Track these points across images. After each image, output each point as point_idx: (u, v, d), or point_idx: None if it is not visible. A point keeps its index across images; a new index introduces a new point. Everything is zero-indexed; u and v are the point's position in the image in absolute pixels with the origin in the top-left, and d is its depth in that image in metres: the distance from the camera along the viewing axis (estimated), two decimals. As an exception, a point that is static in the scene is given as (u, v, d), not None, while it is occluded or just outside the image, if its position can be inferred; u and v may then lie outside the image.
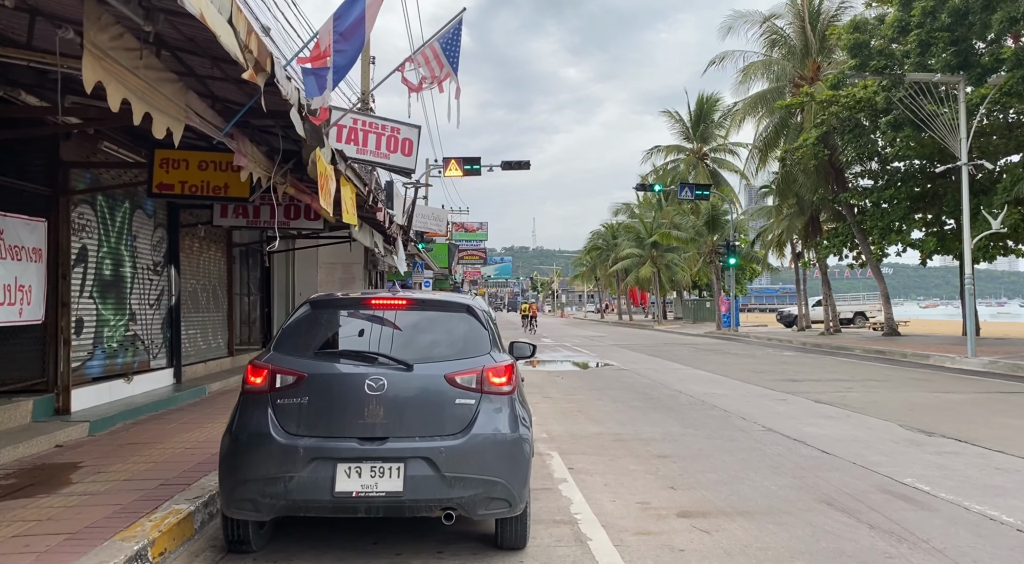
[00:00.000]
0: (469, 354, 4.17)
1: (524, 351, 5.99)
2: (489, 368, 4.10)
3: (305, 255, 18.15)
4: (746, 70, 28.38)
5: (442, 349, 4.22)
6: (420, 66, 8.01)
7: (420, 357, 4.09)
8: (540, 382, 13.97)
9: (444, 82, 7.95)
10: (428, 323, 4.36)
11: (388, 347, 4.13)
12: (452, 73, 7.91)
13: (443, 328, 4.35)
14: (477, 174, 27.81)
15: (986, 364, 15.85)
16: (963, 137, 16.71)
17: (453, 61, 7.80)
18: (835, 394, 11.71)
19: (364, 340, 4.32)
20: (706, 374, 15.24)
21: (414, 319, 4.34)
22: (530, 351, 6.01)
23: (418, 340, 4.23)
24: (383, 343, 4.18)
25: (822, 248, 27.93)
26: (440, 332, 4.32)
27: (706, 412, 9.93)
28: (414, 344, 4.19)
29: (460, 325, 4.36)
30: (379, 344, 4.18)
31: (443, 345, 4.25)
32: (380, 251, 13.72)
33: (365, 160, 9.97)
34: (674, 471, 6.45)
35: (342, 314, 4.48)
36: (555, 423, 9.07)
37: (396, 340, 4.19)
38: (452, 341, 4.28)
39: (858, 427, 8.65)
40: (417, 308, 4.40)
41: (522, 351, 5.99)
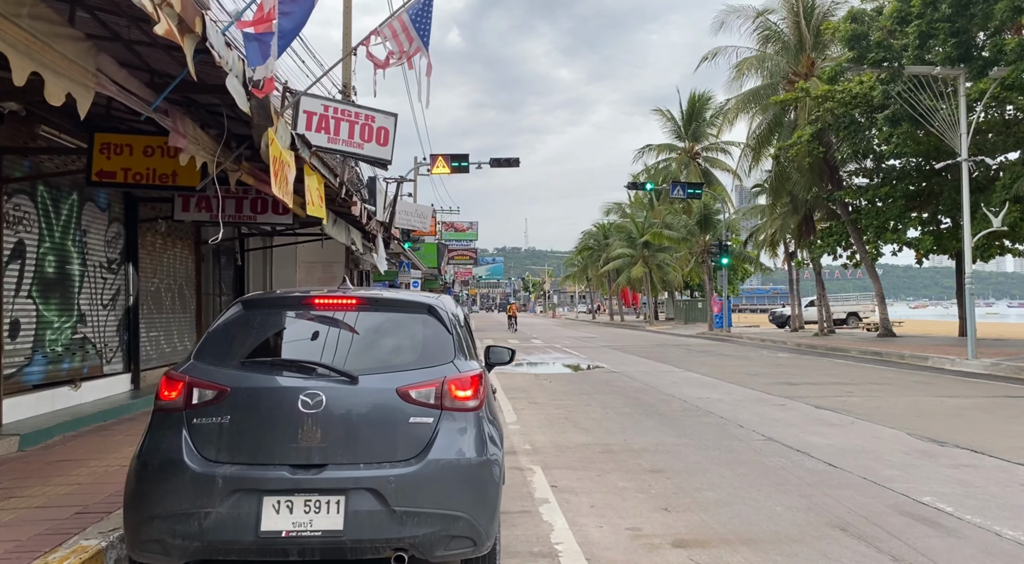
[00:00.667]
0: (428, 363, 3.53)
1: (502, 357, 5.37)
2: (451, 379, 3.46)
3: (283, 253, 17.44)
4: (739, 66, 27.85)
5: (396, 357, 3.57)
6: (387, 40, 7.35)
7: (368, 367, 3.44)
8: (527, 386, 13.34)
9: (414, 57, 7.29)
10: (381, 326, 3.71)
11: (330, 355, 3.47)
12: (423, 48, 7.25)
13: (399, 332, 3.70)
14: (465, 171, 27.18)
15: (988, 366, 15.34)
16: (963, 132, 16.20)
17: (424, 34, 7.15)
18: (836, 399, 11.13)
19: (302, 347, 3.66)
20: (700, 377, 14.64)
21: (365, 322, 3.69)
22: (508, 356, 5.39)
23: (368, 347, 3.58)
24: (325, 350, 3.53)
25: (816, 247, 27.44)
26: (395, 337, 3.68)
27: (701, 419, 9.32)
28: (362, 352, 3.53)
29: (419, 329, 3.71)
30: (320, 352, 3.52)
31: (397, 352, 3.60)
32: (359, 249, 13.04)
33: (336, 150, 9.28)
34: (668, 489, 5.83)
35: (279, 316, 3.82)
36: (540, 432, 8.43)
37: (341, 347, 3.54)
38: (409, 348, 3.63)
39: (864, 436, 8.06)
40: (369, 308, 3.74)
41: (499, 356, 5.37)
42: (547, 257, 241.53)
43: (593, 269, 65.33)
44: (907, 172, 23.52)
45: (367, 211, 12.18)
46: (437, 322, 3.75)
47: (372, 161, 10.13)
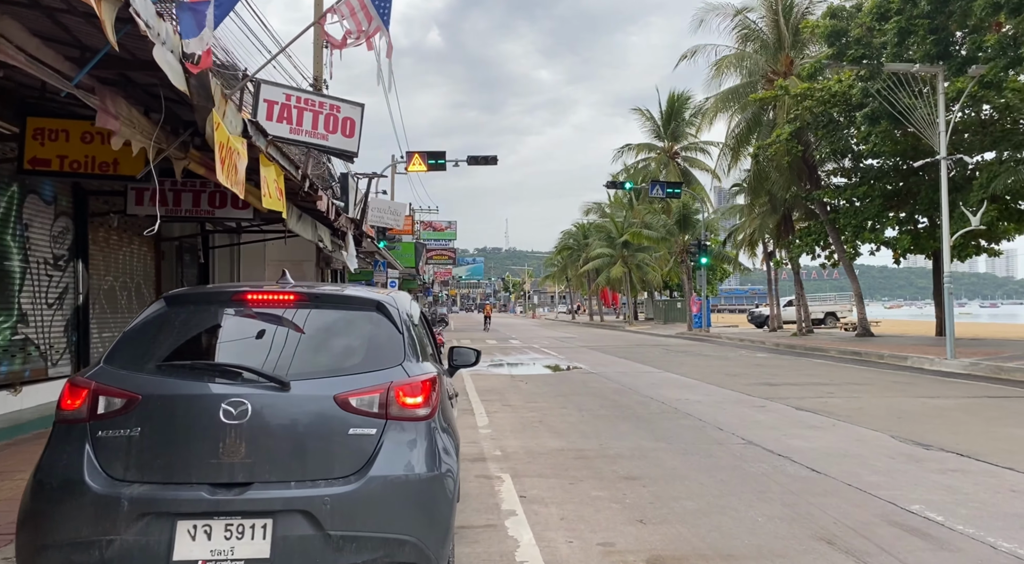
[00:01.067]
0: (373, 366, 3.13)
1: (467, 358, 5.01)
2: (399, 385, 3.07)
3: (251, 251, 16.90)
4: (718, 64, 27.73)
5: (336, 360, 3.17)
6: (345, 18, 6.92)
7: (304, 371, 3.04)
8: (502, 388, 12.96)
9: (373, 38, 6.87)
10: (322, 326, 3.31)
11: (260, 358, 3.06)
12: (383, 27, 6.83)
13: (342, 332, 3.30)
14: (442, 169, 26.76)
15: (967, 366, 15.24)
16: (942, 130, 16.11)
17: (384, 13, 6.72)
18: (816, 400, 10.89)
19: (229, 349, 3.25)
20: (678, 378, 14.37)
21: (304, 320, 3.28)
22: (473, 358, 5.03)
23: (305, 348, 3.17)
24: (255, 352, 3.12)
25: (795, 247, 27.39)
26: (337, 337, 3.28)
27: (679, 422, 9.01)
28: (298, 354, 3.13)
29: (365, 328, 3.32)
30: (248, 354, 3.12)
31: (338, 355, 3.20)
32: (327, 246, 12.57)
33: (299, 141, 8.85)
34: (644, 498, 5.48)
35: (206, 314, 3.39)
36: (512, 437, 8.05)
37: (274, 349, 3.13)
38: (352, 349, 3.23)
39: (847, 439, 7.79)
40: (309, 305, 3.34)
41: (465, 358, 5.00)
42: (528, 257, 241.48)
43: (573, 269, 65.16)
44: (885, 171, 23.52)
45: (335, 207, 11.72)
46: (386, 320, 3.36)
47: (338, 153, 9.71)
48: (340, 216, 12.75)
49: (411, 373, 3.16)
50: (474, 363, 5.06)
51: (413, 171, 27.56)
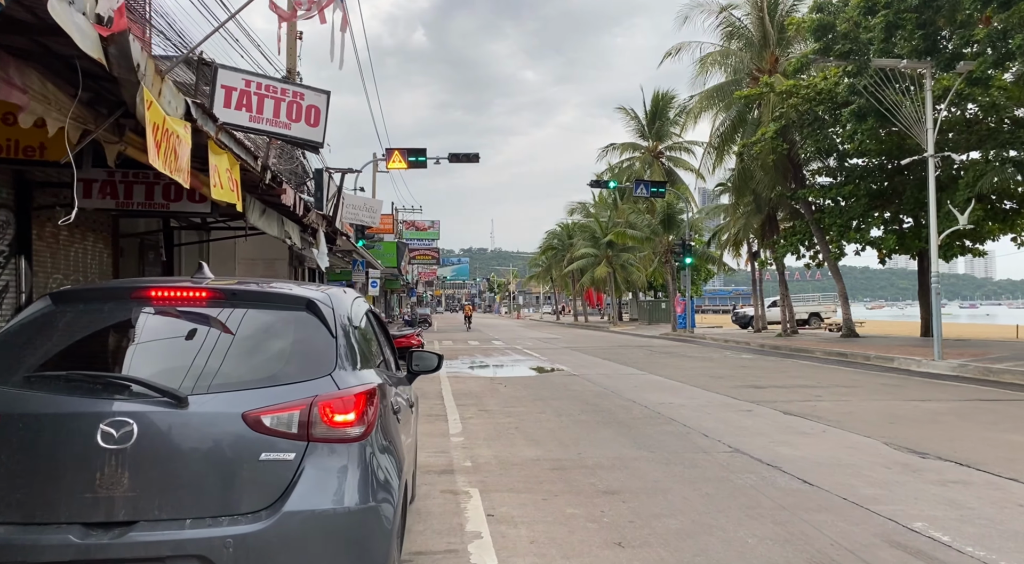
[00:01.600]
0: (297, 377, 2.63)
1: (428, 364, 4.52)
2: (325, 399, 2.56)
3: (221, 249, 16.27)
4: (703, 60, 27.41)
5: (250, 370, 2.66)
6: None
7: (209, 384, 2.52)
8: (480, 391, 12.46)
9: (326, 9, 6.37)
10: (239, 328, 2.79)
11: (156, 367, 2.55)
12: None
13: (262, 335, 2.79)
14: (422, 166, 26.21)
15: (955, 368, 14.95)
16: (929, 127, 15.83)
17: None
18: (804, 403, 10.49)
19: (119, 356, 2.73)
20: (662, 380, 13.94)
21: (217, 322, 2.77)
22: (435, 362, 4.53)
23: (214, 355, 2.66)
24: (150, 361, 2.61)
25: (779, 247, 27.14)
26: (256, 342, 2.77)
27: (662, 427, 8.55)
28: (204, 362, 2.61)
29: (291, 331, 2.81)
30: (142, 363, 2.60)
31: (255, 363, 2.69)
32: (296, 244, 12.00)
33: (259, 130, 8.30)
34: (623, 516, 5.00)
35: (97, 314, 2.86)
36: (485, 445, 7.55)
37: (176, 356, 2.62)
38: (272, 356, 2.73)
39: (838, 446, 7.37)
40: (225, 303, 2.83)
41: (426, 363, 4.51)
42: (513, 258, 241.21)
43: (557, 269, 64.77)
44: (870, 171, 23.29)
45: (304, 202, 11.16)
46: (317, 322, 2.85)
47: (301, 144, 9.17)
48: (310, 212, 12.19)
49: (343, 385, 2.66)
50: (436, 368, 4.59)
51: (393, 168, 27.00)
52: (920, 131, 16.21)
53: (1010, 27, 13.09)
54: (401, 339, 17.92)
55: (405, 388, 4.28)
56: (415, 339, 17.93)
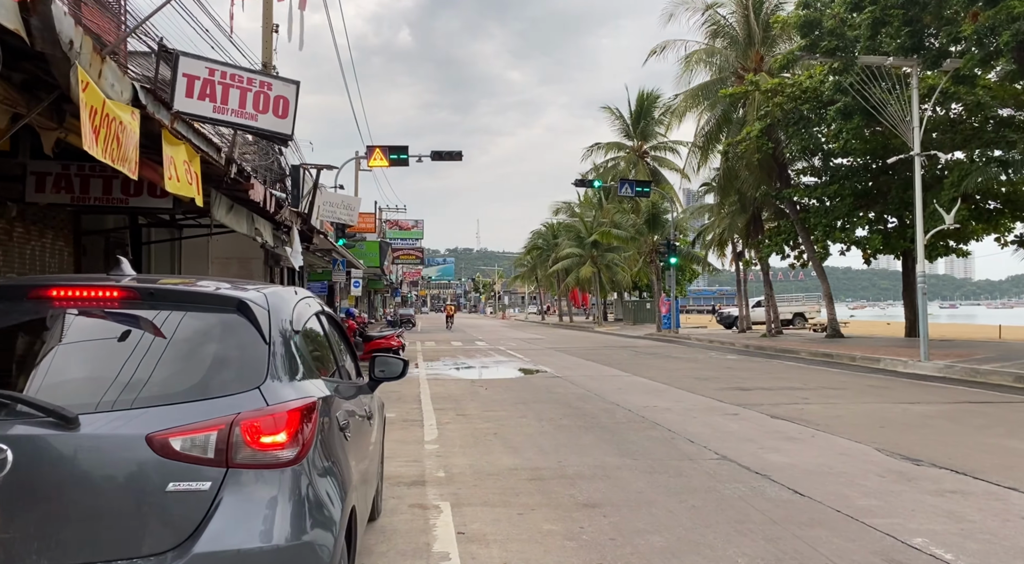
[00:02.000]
0: (217, 390, 2.25)
1: (392, 369, 4.15)
2: (250, 417, 2.19)
3: (193, 247, 15.77)
4: (688, 58, 27.20)
5: (162, 383, 2.27)
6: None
7: (109, 400, 2.14)
8: (460, 394, 12.08)
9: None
10: (155, 333, 2.41)
11: (46, 380, 2.16)
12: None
13: (183, 342, 2.41)
14: (404, 164, 25.81)
15: (941, 369, 14.78)
16: (915, 126, 15.67)
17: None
18: (791, 406, 10.22)
19: (3, 368, 2.34)
20: (646, 382, 13.64)
21: (129, 326, 2.39)
22: (400, 368, 4.16)
23: (121, 366, 2.27)
24: (40, 373, 2.22)
25: (764, 247, 26.99)
26: (174, 349, 2.38)
27: (647, 433, 8.23)
28: (106, 374, 2.23)
29: (217, 336, 2.44)
30: (29, 375, 2.21)
31: (168, 374, 2.30)
32: (268, 242, 11.56)
33: (224, 121, 7.87)
34: (604, 532, 4.66)
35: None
36: (460, 453, 7.18)
37: (73, 367, 2.24)
38: (190, 366, 2.34)
39: (828, 453, 7.08)
40: (142, 304, 2.45)
41: (390, 369, 4.15)
42: (499, 258, 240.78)
43: (542, 269, 64.47)
44: (855, 170, 23.19)
45: (276, 198, 10.73)
46: (249, 326, 2.47)
47: (269, 136, 8.74)
48: (283, 209, 11.77)
49: (274, 399, 2.28)
50: (400, 375, 4.22)
51: (375, 166, 26.55)
52: (906, 130, 16.05)
53: (997, 23, 12.95)
54: (380, 340, 17.51)
55: (365, 398, 3.91)
56: (395, 340, 17.51)
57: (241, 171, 8.47)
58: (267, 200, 10.12)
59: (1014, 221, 21.97)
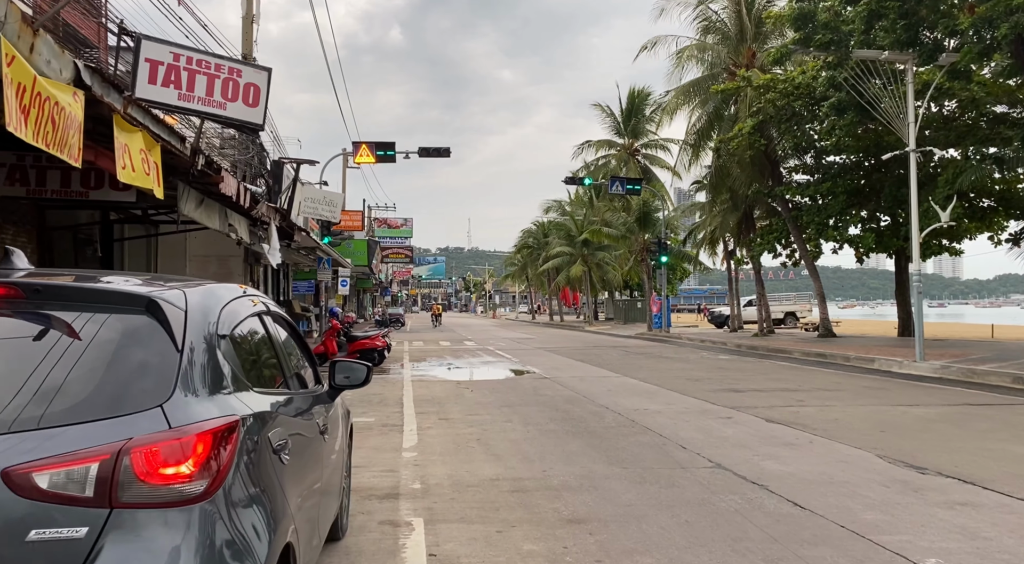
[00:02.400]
0: (107, 410, 1.84)
1: (355, 376, 3.74)
2: (145, 443, 1.77)
3: (171, 245, 15.27)
4: (680, 54, 26.87)
5: (37, 401, 1.84)
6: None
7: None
8: (444, 396, 11.67)
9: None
10: (36, 340, 1.99)
11: None
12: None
13: (70, 350, 1.98)
14: (391, 160, 25.38)
15: (937, 369, 14.49)
16: (911, 121, 15.37)
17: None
18: (786, 409, 9.87)
19: None
20: (637, 383, 13.27)
21: (10, 329, 1.97)
22: (363, 375, 3.75)
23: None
24: None
25: (756, 245, 26.71)
26: (57, 359, 1.95)
27: (637, 438, 7.85)
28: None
29: (114, 343, 2.02)
30: None
31: (46, 390, 1.88)
32: (244, 239, 11.11)
33: (189, 110, 7.43)
34: (590, 552, 4.26)
35: None
36: (440, 462, 6.77)
37: None
38: (76, 380, 1.91)
39: (828, 460, 6.72)
40: (24, 305, 2.03)
41: (353, 375, 3.74)
42: (490, 257, 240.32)
43: (533, 268, 64.12)
44: (848, 168, 22.92)
45: (251, 193, 10.26)
46: (159, 330, 2.06)
47: (238, 125, 8.30)
48: (259, 204, 11.30)
49: (179, 420, 1.86)
50: (363, 382, 3.82)
51: (361, 163, 26.11)
52: (901, 125, 15.75)
53: (995, 16, 12.66)
54: (364, 341, 17.07)
55: (321, 409, 3.49)
56: (379, 341, 17.06)
57: (210, 163, 8.01)
58: (241, 194, 9.66)
59: (1008, 219, 21.76)
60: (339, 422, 4.10)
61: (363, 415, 9.59)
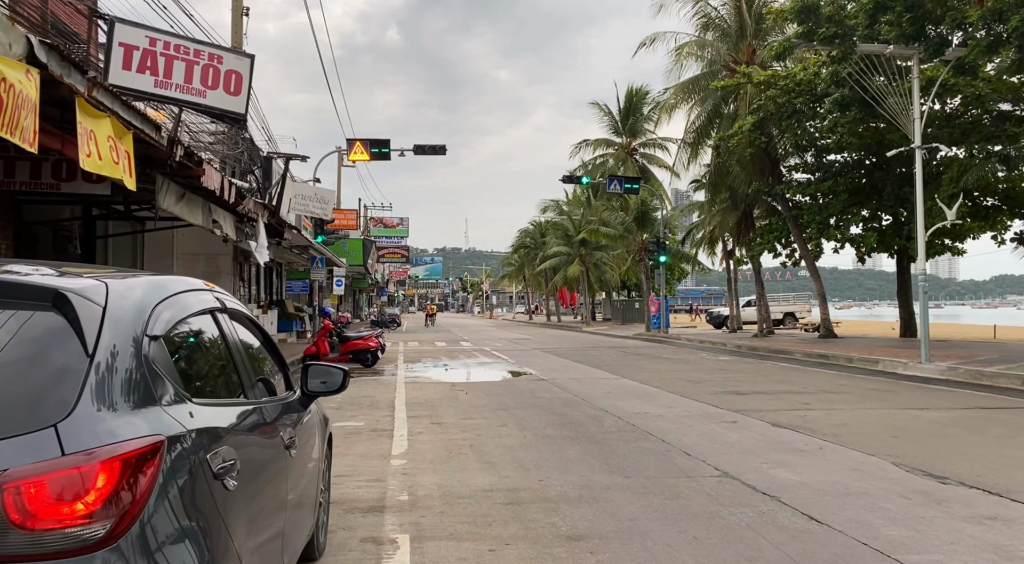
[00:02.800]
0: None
1: (331, 381, 3.37)
2: (21, 477, 1.40)
3: (158, 242, 14.86)
4: (679, 50, 26.50)
5: None
6: None
7: None
8: (438, 399, 11.27)
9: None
10: None
11: None
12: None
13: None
14: (386, 158, 24.96)
15: (944, 371, 14.13)
16: (916, 117, 15.02)
17: None
18: (793, 413, 9.50)
19: None
20: (637, 385, 12.90)
21: None
22: (340, 380, 3.37)
23: None
24: None
25: (756, 244, 26.34)
26: None
27: (639, 444, 7.47)
28: None
29: (9, 345, 1.62)
30: None
31: None
32: (230, 235, 10.70)
33: (166, 97, 7.03)
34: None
35: None
36: (430, 470, 6.38)
37: None
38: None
39: (841, 468, 6.35)
40: None
41: (329, 381, 3.36)
42: (488, 258, 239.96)
43: (530, 268, 63.72)
44: (850, 166, 22.57)
45: (236, 188, 9.85)
46: (67, 329, 1.67)
47: (219, 114, 7.89)
48: (246, 199, 10.89)
49: (78, 442, 1.48)
50: (340, 387, 3.44)
51: (355, 160, 25.68)
52: (906, 122, 15.40)
53: (1005, 8, 12.31)
54: (357, 341, 16.68)
55: (290, 419, 3.10)
56: (372, 341, 16.66)
57: (190, 154, 7.61)
58: (225, 189, 9.26)
59: (1012, 218, 21.43)
60: (315, 431, 3.71)
61: (352, 419, 9.20)
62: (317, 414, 3.90)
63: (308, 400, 3.47)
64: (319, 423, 3.96)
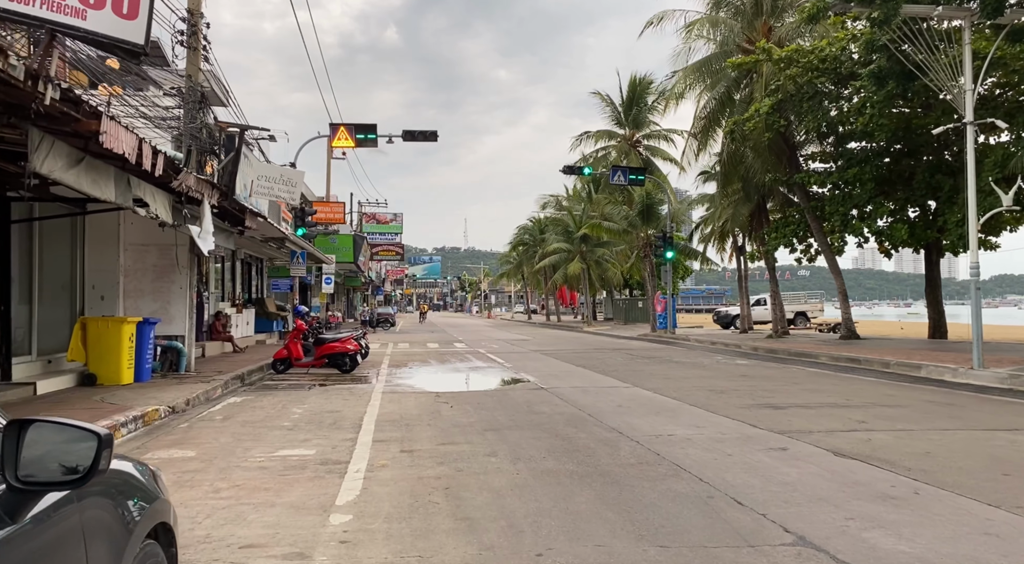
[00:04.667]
0: None
1: (63, 461, 1.39)
2: None
3: (102, 230, 12.99)
4: (689, 28, 24.62)
5: None
6: None
7: None
8: (416, 414, 9.38)
9: None
10: None
11: None
12: None
13: None
14: (372, 144, 23.14)
15: (1004, 379, 12.28)
16: (968, 89, 13.17)
17: None
18: (852, 435, 7.66)
19: None
20: (652, 396, 11.05)
21: None
22: (89, 457, 1.39)
23: None
24: None
25: (771, 239, 24.49)
26: None
27: (669, 485, 5.61)
28: None
29: None
30: None
31: None
32: (163, 218, 8.83)
33: (28, 16, 5.18)
34: None
35: None
36: (383, 535, 4.51)
37: None
38: None
39: (964, 530, 4.49)
40: None
41: (64, 462, 1.40)
42: (486, 257, 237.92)
43: (528, 266, 61.83)
44: (877, 152, 20.71)
45: (163, 156, 7.95)
46: None
47: (107, 44, 6.00)
48: (183, 174, 9.00)
49: None
50: (90, 472, 1.54)
51: (339, 146, 23.84)
52: (954, 95, 13.53)
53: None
54: (335, 344, 14.80)
55: None
56: (351, 344, 14.76)
57: (75, 101, 5.73)
58: (145, 155, 7.38)
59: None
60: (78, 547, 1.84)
61: (301, 445, 7.33)
62: (114, 497, 2.03)
63: (30, 495, 1.60)
64: (119, 518, 2.07)
